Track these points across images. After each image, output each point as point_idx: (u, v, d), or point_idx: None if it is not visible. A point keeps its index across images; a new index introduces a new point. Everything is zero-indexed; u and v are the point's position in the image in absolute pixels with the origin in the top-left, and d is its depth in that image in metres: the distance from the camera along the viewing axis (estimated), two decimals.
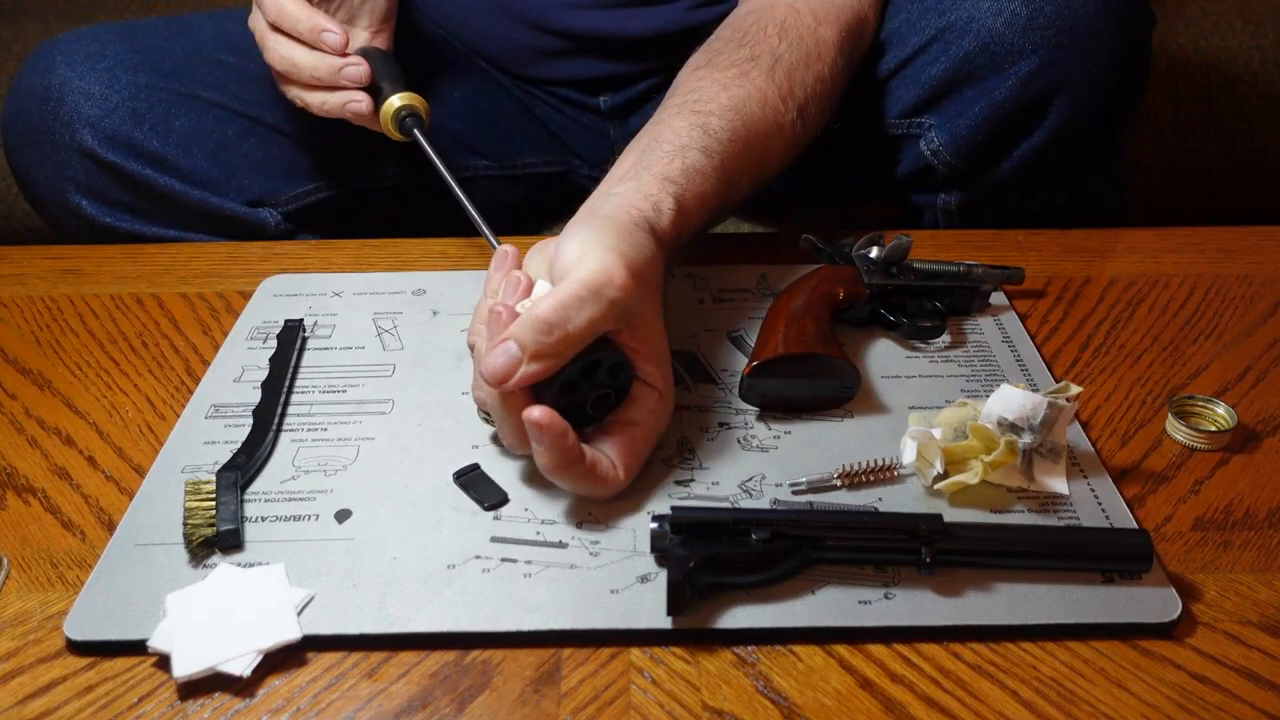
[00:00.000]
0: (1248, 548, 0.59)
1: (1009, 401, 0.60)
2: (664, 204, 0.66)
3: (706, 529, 0.55)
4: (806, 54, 0.79)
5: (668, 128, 0.72)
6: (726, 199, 0.73)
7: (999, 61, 0.82)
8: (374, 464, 0.64)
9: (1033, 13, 0.80)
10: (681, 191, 0.67)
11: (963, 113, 0.85)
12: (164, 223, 0.92)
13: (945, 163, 0.88)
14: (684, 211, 0.67)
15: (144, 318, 0.80)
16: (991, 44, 0.82)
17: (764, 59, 0.77)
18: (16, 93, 0.90)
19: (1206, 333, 0.77)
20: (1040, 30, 0.80)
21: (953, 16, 0.84)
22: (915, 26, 0.87)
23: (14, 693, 0.51)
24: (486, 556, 0.57)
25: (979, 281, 0.77)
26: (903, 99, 0.89)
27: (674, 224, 0.66)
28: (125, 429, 0.68)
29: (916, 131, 0.89)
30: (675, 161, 0.69)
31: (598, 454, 0.59)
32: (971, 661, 0.52)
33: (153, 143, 0.89)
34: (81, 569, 0.58)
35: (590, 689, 0.51)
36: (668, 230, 0.65)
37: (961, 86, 0.85)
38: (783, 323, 0.69)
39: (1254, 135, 1.24)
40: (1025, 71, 0.81)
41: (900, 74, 0.88)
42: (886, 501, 0.61)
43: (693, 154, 0.70)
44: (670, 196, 0.67)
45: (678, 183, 0.68)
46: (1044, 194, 0.90)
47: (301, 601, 0.54)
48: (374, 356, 0.74)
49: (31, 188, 0.93)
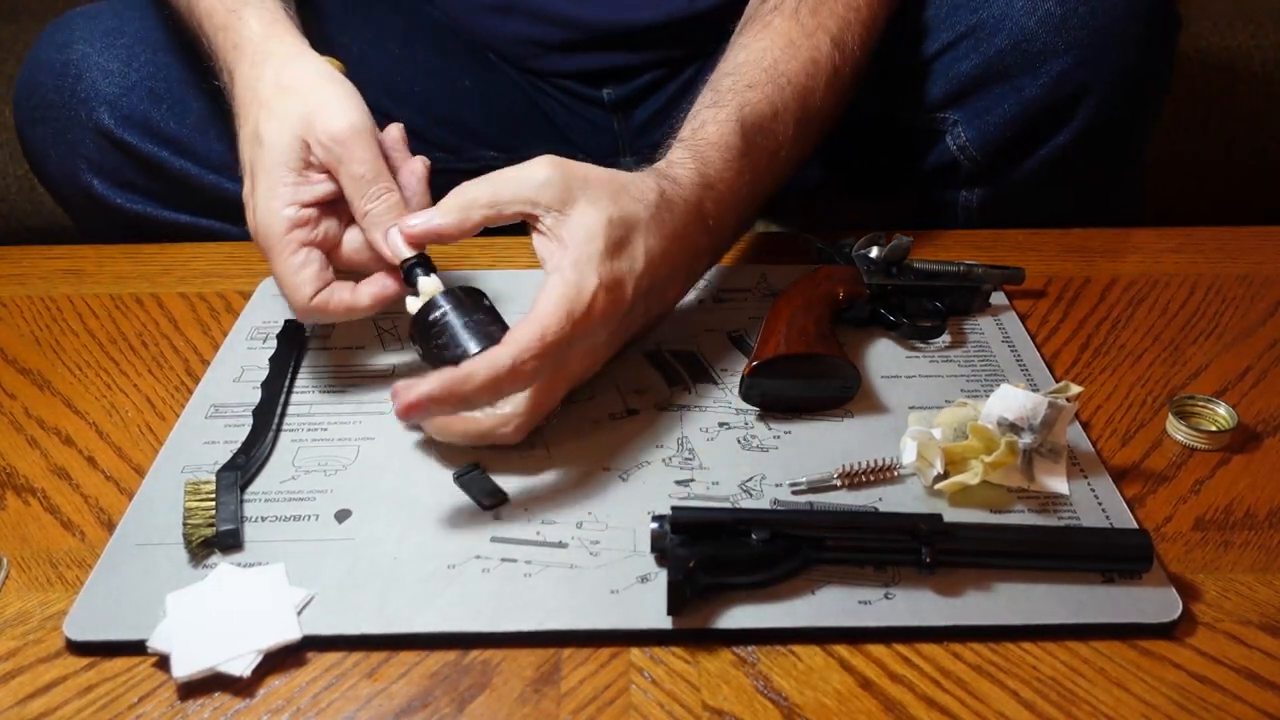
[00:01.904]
0: (1248, 548, 0.59)
1: (1009, 401, 0.60)
2: (675, 156, 0.68)
3: (706, 529, 0.55)
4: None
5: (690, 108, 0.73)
6: (763, 141, 0.71)
7: (1031, 60, 0.82)
8: (374, 464, 0.64)
9: (1067, 12, 0.80)
10: (693, 144, 0.69)
11: (991, 109, 0.85)
12: (177, 207, 0.91)
13: (971, 159, 0.88)
14: (704, 159, 0.68)
15: (144, 318, 0.80)
16: (1024, 42, 0.82)
17: (788, 4, 0.77)
18: (32, 66, 0.88)
19: (1206, 333, 0.77)
20: (1074, 30, 0.81)
21: (985, 14, 0.84)
22: (946, 21, 0.87)
23: (14, 693, 0.51)
24: (486, 556, 0.57)
25: (979, 281, 0.77)
26: (930, 93, 0.89)
27: (694, 170, 0.67)
28: (125, 429, 0.68)
29: (943, 126, 0.89)
30: (686, 127, 0.71)
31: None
32: (971, 661, 0.52)
33: (170, 124, 0.87)
34: (81, 569, 0.58)
35: (590, 689, 0.51)
36: (684, 176, 0.66)
37: (991, 83, 0.85)
38: (783, 323, 0.69)
39: (1254, 136, 1.24)
40: (1057, 70, 0.82)
41: (929, 68, 0.88)
42: (886, 501, 0.61)
43: (702, 113, 0.71)
44: (681, 150, 0.68)
45: (686, 139, 0.69)
46: (1067, 193, 0.90)
47: (301, 601, 0.54)
48: (374, 356, 0.74)
49: (43, 165, 0.91)
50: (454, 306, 0.63)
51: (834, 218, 1.08)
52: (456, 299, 0.64)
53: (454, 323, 0.62)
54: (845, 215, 1.09)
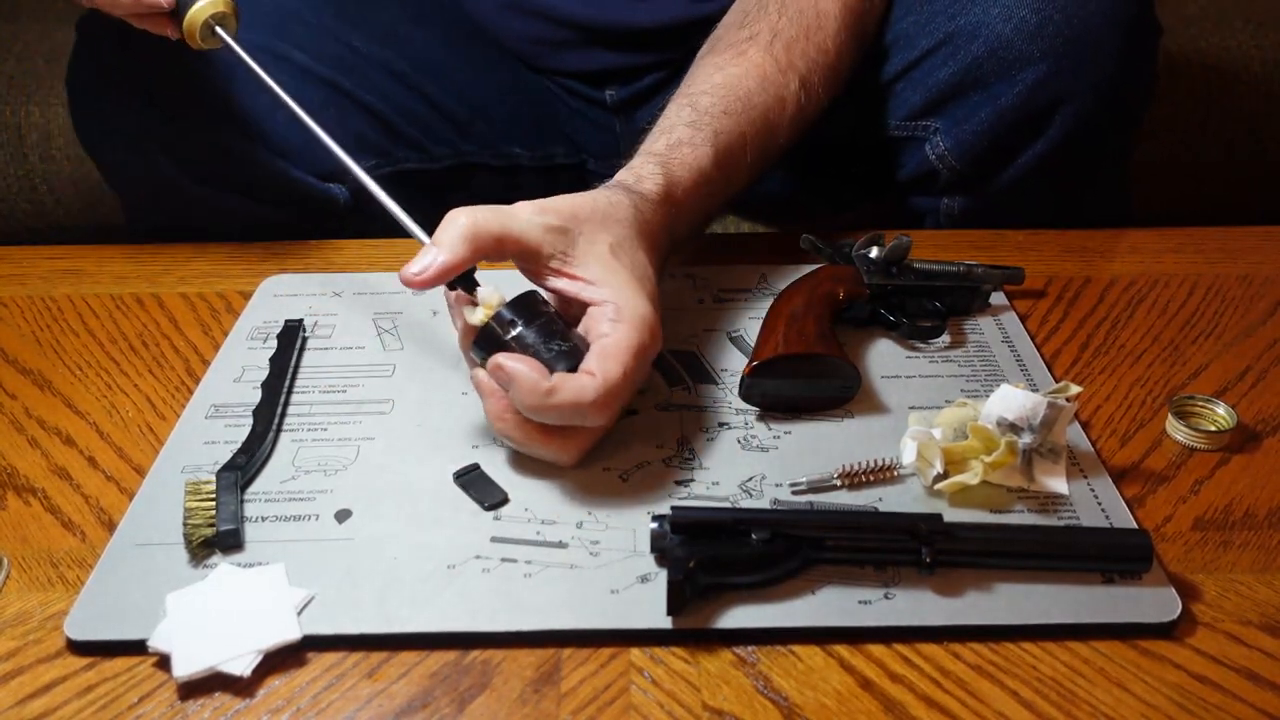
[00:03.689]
0: (1248, 548, 0.59)
1: (1009, 401, 0.60)
2: (645, 170, 0.70)
3: (706, 529, 0.55)
4: (806, 26, 0.80)
5: (661, 116, 0.74)
6: (728, 168, 0.74)
7: (1006, 67, 0.82)
8: (374, 464, 0.64)
9: (1042, 20, 0.80)
10: (667, 160, 0.70)
11: (969, 118, 0.85)
12: (234, 187, 0.89)
13: (950, 167, 0.88)
14: (673, 179, 0.70)
15: (144, 318, 0.80)
16: (1000, 49, 0.82)
17: (762, 36, 0.79)
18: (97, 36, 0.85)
19: (1206, 333, 0.77)
20: (1049, 38, 0.80)
21: (962, 21, 0.84)
22: (925, 29, 0.87)
23: (14, 693, 0.51)
24: (486, 556, 0.57)
25: (979, 281, 0.77)
26: (909, 101, 0.89)
27: (662, 186, 0.69)
28: (125, 429, 0.68)
29: (922, 134, 0.89)
30: (660, 140, 0.72)
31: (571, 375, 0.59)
32: (971, 661, 0.52)
33: (244, 100, 0.85)
34: (81, 569, 0.58)
35: (590, 689, 0.51)
36: (653, 191, 0.68)
37: (969, 91, 0.85)
38: (783, 323, 0.69)
39: (1254, 136, 1.24)
40: (1032, 79, 0.81)
41: (908, 76, 0.88)
42: (887, 501, 0.61)
43: (679, 130, 0.73)
44: (653, 164, 0.70)
45: (661, 155, 0.71)
46: (1047, 203, 0.90)
47: (301, 601, 0.54)
48: (374, 356, 0.74)
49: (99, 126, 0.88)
50: (525, 321, 0.60)
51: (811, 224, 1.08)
52: (524, 309, 0.61)
53: (529, 337, 0.60)
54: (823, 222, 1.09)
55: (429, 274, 0.60)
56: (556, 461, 0.62)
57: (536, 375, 0.57)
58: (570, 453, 0.62)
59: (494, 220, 0.60)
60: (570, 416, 0.59)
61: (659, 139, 0.72)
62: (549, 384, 0.57)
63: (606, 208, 0.64)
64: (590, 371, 0.58)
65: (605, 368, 0.58)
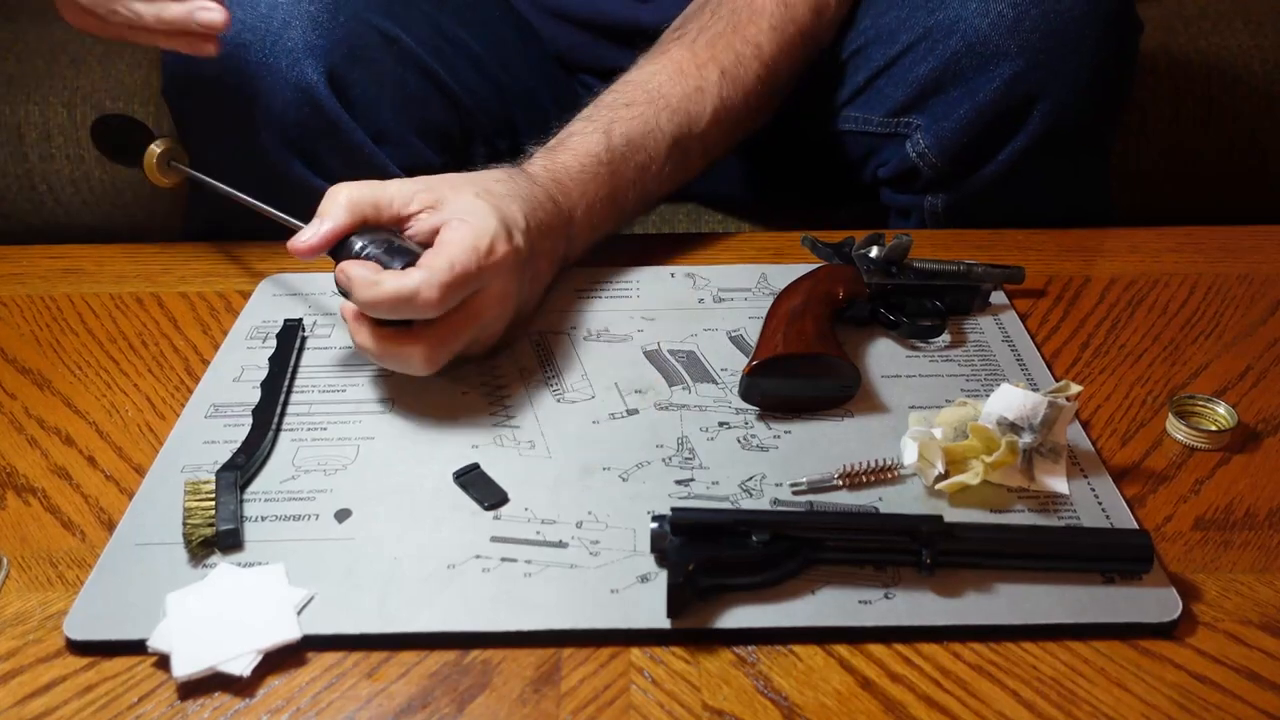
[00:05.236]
0: (1248, 548, 0.59)
1: (1009, 401, 0.60)
2: (532, 156, 0.76)
3: (707, 530, 0.55)
4: (736, 22, 0.84)
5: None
6: (631, 151, 0.78)
7: (984, 62, 0.82)
8: (374, 464, 0.64)
9: (1019, 15, 0.80)
10: (553, 148, 0.76)
11: (948, 114, 0.85)
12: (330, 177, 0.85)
13: (930, 164, 0.88)
14: (556, 161, 0.75)
15: (144, 317, 0.80)
16: (977, 44, 0.82)
17: (689, 35, 0.83)
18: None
19: (1206, 332, 0.77)
20: (1026, 33, 0.80)
21: (941, 16, 0.84)
22: (905, 24, 0.87)
23: (14, 693, 0.51)
24: (486, 556, 0.57)
25: (979, 281, 0.77)
26: (891, 97, 0.89)
27: (544, 167, 0.74)
28: (125, 429, 0.68)
29: (904, 131, 0.89)
30: (552, 139, 0.78)
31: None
32: (972, 661, 0.52)
33: (359, 87, 0.82)
34: (81, 569, 0.58)
35: (590, 689, 0.51)
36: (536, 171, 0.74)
37: (948, 87, 0.85)
38: (783, 323, 0.69)
39: (1254, 136, 1.24)
40: (1009, 74, 0.81)
41: (888, 71, 0.88)
42: (887, 502, 0.61)
43: (574, 125, 0.78)
44: (540, 151, 0.76)
45: (549, 146, 0.77)
46: (1029, 199, 0.90)
47: (301, 601, 0.54)
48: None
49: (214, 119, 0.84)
50: (372, 241, 0.66)
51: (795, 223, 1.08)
52: (373, 232, 0.67)
53: (371, 250, 0.65)
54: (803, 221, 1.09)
55: (316, 239, 0.65)
56: (417, 371, 0.66)
57: (368, 272, 0.63)
58: (421, 357, 0.64)
59: (369, 189, 0.67)
60: (400, 307, 0.62)
61: (554, 137, 0.78)
62: (377, 277, 0.62)
63: (478, 175, 0.70)
64: (420, 267, 0.63)
65: (433, 261, 0.63)
